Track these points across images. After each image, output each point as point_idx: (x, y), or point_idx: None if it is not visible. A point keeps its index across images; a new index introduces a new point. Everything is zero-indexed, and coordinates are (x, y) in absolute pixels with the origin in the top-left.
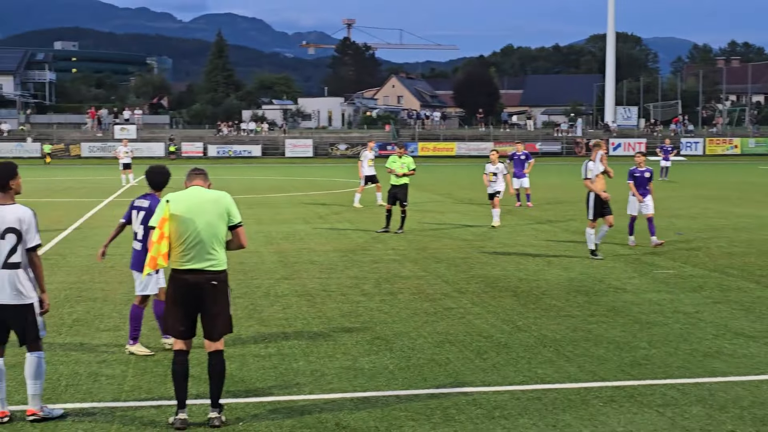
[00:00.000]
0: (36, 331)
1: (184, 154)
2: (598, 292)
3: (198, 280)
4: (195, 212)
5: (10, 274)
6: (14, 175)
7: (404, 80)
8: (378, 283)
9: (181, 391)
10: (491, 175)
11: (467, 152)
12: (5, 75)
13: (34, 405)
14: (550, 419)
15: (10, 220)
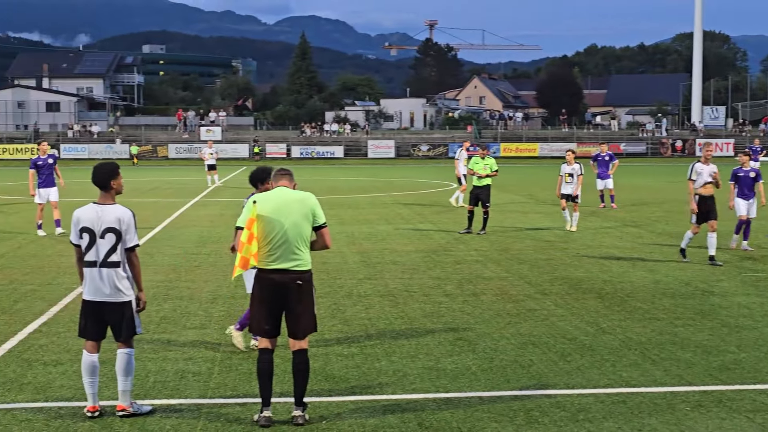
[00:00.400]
0: (132, 328)
1: (268, 155)
2: (684, 295)
3: (284, 279)
4: (281, 213)
5: (109, 273)
6: (116, 175)
7: (486, 81)
8: (460, 284)
9: (266, 389)
10: (566, 177)
11: (550, 153)
12: (96, 78)
13: (124, 401)
14: (635, 423)
15: (110, 220)
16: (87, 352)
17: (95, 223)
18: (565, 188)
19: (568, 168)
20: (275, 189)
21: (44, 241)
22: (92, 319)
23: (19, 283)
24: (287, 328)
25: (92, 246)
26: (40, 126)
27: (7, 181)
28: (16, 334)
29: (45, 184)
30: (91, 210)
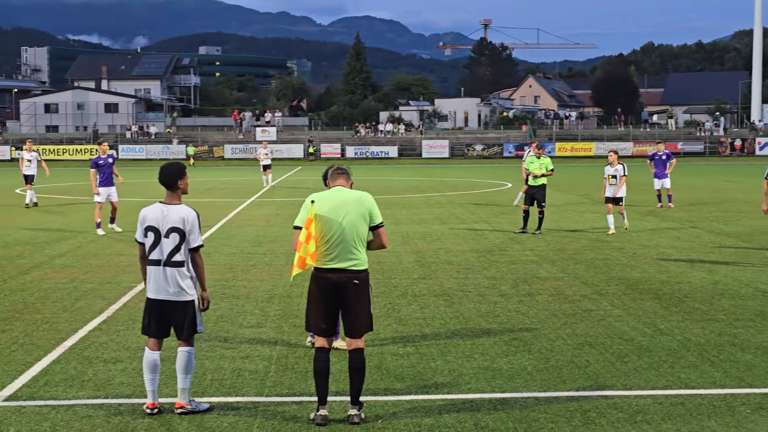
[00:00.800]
0: (194, 327)
1: (322, 155)
2: (744, 296)
3: (340, 279)
4: (338, 212)
5: (173, 272)
6: (182, 175)
7: (541, 80)
8: (516, 284)
9: (322, 388)
10: (610, 178)
11: (606, 152)
12: (153, 80)
13: (183, 398)
14: (694, 425)
15: (175, 220)
16: (149, 350)
17: (160, 222)
18: (609, 190)
19: (611, 169)
20: (333, 188)
21: (104, 240)
22: (155, 317)
23: (79, 281)
24: (344, 327)
25: (157, 245)
26: (98, 127)
27: (67, 181)
28: (77, 332)
29: (105, 183)
30: (157, 209)
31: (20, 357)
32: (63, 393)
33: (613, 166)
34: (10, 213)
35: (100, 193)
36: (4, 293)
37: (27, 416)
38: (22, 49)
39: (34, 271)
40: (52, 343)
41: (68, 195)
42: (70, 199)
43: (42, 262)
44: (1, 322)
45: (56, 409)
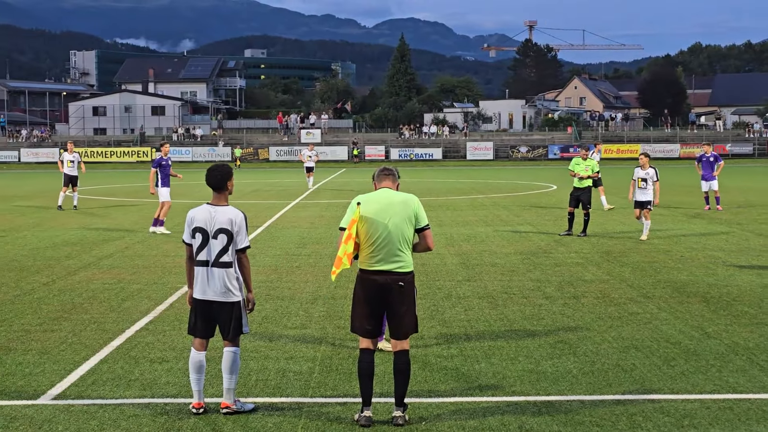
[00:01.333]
0: (239, 327)
1: (367, 157)
2: None
3: (386, 281)
4: (384, 214)
5: (220, 273)
6: (230, 176)
7: (587, 81)
8: (561, 287)
9: (367, 389)
10: (640, 182)
11: (652, 154)
12: (199, 82)
13: (229, 398)
14: (742, 430)
15: (223, 221)
16: (195, 350)
17: (208, 223)
18: (638, 194)
19: (641, 172)
20: (379, 190)
21: (150, 241)
22: (201, 317)
23: (126, 282)
24: (389, 329)
25: (205, 246)
26: (145, 130)
27: (113, 183)
28: (124, 332)
29: (165, 184)
30: (205, 210)
31: (69, 356)
32: (110, 392)
33: (644, 169)
34: (59, 214)
35: (161, 192)
36: (53, 293)
37: (75, 415)
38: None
39: (82, 272)
40: (100, 343)
41: (115, 197)
42: (117, 200)
43: (90, 263)
44: (50, 322)
45: (103, 408)
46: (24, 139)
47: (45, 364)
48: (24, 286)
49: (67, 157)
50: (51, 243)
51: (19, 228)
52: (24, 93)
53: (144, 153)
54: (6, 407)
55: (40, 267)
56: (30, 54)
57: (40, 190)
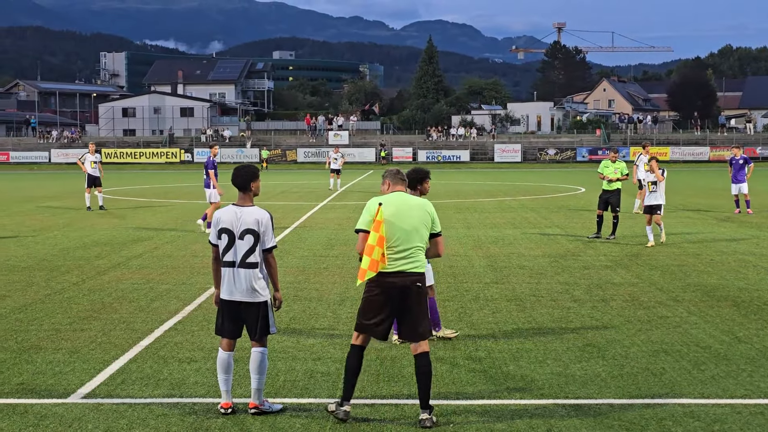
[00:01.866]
0: (266, 327)
1: (394, 159)
2: None
3: (404, 282)
4: (403, 217)
5: (247, 273)
6: (255, 177)
7: (616, 83)
8: (589, 290)
9: (351, 384)
10: (650, 185)
11: (681, 157)
12: (228, 84)
13: (257, 398)
14: None
15: (249, 222)
16: (222, 350)
17: (234, 224)
18: (650, 198)
19: (651, 176)
20: (394, 193)
21: (179, 242)
22: (229, 317)
23: (155, 282)
24: (405, 332)
25: (231, 247)
26: (174, 131)
27: (142, 184)
28: (153, 332)
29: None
30: (231, 211)
31: (98, 356)
32: (139, 391)
33: (653, 173)
34: (88, 214)
35: (212, 193)
36: (83, 293)
37: (104, 413)
38: (101, 54)
39: (111, 272)
40: (129, 343)
41: (144, 197)
42: (146, 201)
43: (119, 263)
44: (80, 321)
45: (132, 407)
46: (54, 140)
47: (75, 363)
48: (54, 285)
49: (90, 158)
50: (81, 243)
51: (49, 228)
52: (55, 94)
53: (173, 154)
54: (36, 405)
55: (70, 267)
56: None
57: (70, 191)
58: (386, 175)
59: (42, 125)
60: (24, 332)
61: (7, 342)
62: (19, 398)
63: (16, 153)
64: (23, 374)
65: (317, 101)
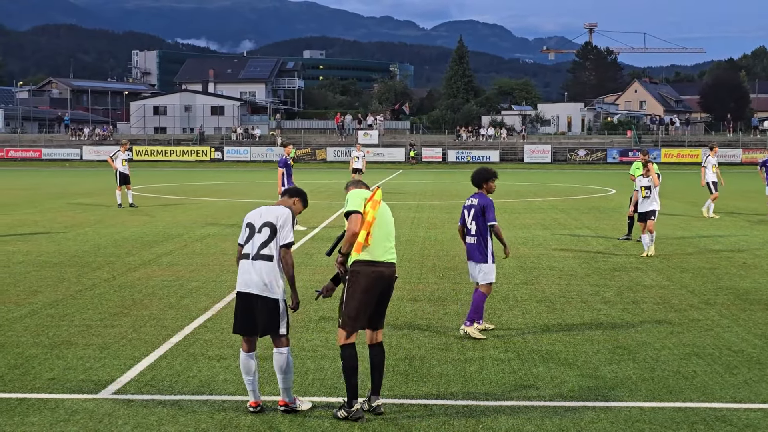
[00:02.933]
0: (276, 327)
1: (424, 159)
2: None
3: (390, 272)
4: (386, 209)
5: (260, 266)
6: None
7: (647, 85)
8: (620, 292)
9: (354, 383)
10: (643, 190)
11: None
12: (258, 83)
13: (286, 397)
14: None
15: (269, 216)
16: (242, 351)
17: (257, 219)
18: (643, 204)
19: (645, 180)
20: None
21: (208, 239)
22: (243, 313)
23: (185, 279)
24: (373, 322)
25: (250, 239)
26: (205, 129)
27: (173, 182)
28: (183, 329)
29: (289, 183)
30: (258, 210)
31: (128, 352)
32: (169, 388)
33: (648, 176)
34: (119, 211)
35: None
36: (114, 289)
37: (135, 409)
38: (133, 52)
39: (141, 269)
40: (159, 339)
41: (174, 195)
42: (176, 199)
43: (149, 260)
44: (111, 318)
45: (162, 404)
46: (86, 137)
47: (105, 359)
48: (85, 281)
49: (122, 156)
50: (112, 240)
51: (81, 224)
52: (87, 92)
53: (203, 152)
54: (67, 401)
55: (101, 263)
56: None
57: (101, 188)
58: (350, 183)
59: (74, 123)
60: (55, 328)
61: (39, 337)
62: (50, 393)
63: (48, 150)
64: (54, 369)
65: (347, 100)
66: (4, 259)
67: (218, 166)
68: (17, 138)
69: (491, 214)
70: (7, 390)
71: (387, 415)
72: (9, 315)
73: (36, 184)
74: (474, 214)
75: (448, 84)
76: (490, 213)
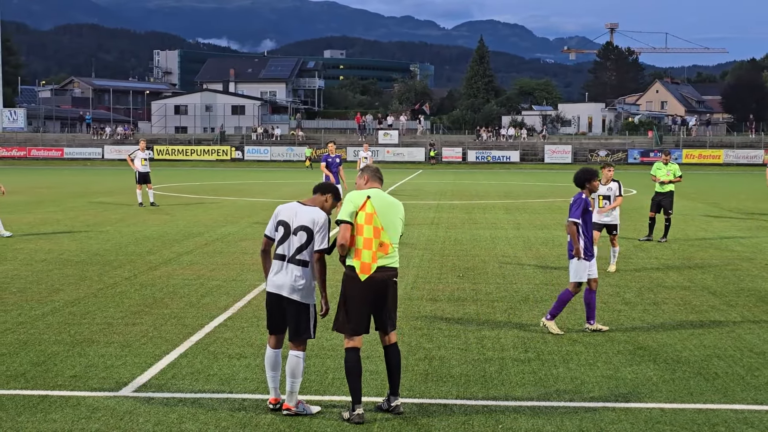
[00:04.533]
0: (307, 330)
1: (444, 159)
2: None
3: (384, 277)
4: (385, 212)
5: (296, 270)
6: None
7: (669, 85)
8: (640, 293)
9: (357, 388)
10: (600, 199)
11: (735, 160)
12: (279, 82)
13: (291, 401)
14: None
15: (305, 219)
16: (269, 347)
17: (292, 218)
18: (597, 217)
19: (602, 188)
20: (372, 189)
21: (229, 238)
22: (273, 311)
23: (206, 278)
24: (379, 325)
25: (285, 240)
26: (225, 128)
27: (194, 181)
28: (203, 327)
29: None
30: (291, 207)
31: (149, 350)
32: (189, 386)
33: (606, 184)
34: (140, 210)
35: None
36: (135, 288)
37: (155, 407)
38: (155, 52)
39: (162, 267)
40: (180, 338)
41: (195, 194)
42: (197, 198)
43: (170, 259)
44: (132, 316)
45: (183, 402)
46: (108, 137)
47: (126, 357)
48: (107, 280)
49: (140, 155)
50: (133, 238)
51: (102, 223)
52: (108, 91)
53: (223, 151)
54: (88, 398)
55: (122, 262)
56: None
57: (122, 187)
58: (365, 170)
59: (96, 122)
60: (77, 326)
61: (61, 335)
62: (72, 390)
63: (70, 149)
64: (76, 367)
65: (367, 100)
66: (27, 257)
67: (239, 165)
68: (40, 137)
69: (573, 211)
70: (29, 387)
71: (406, 415)
72: (31, 313)
73: (58, 183)
74: (574, 213)
75: (468, 84)
76: (572, 209)
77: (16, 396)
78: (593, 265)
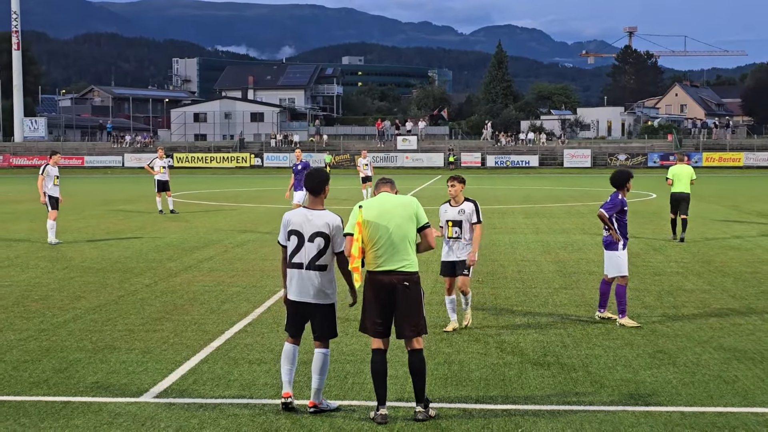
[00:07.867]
0: (333, 329)
1: (463, 164)
2: None
3: (391, 280)
4: (384, 217)
5: (316, 276)
6: (327, 181)
7: (688, 88)
8: (660, 296)
9: (381, 389)
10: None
11: (756, 163)
12: (298, 89)
13: (316, 398)
14: None
15: (319, 225)
16: (288, 343)
17: (304, 226)
18: (448, 251)
19: (451, 211)
20: (378, 195)
21: (248, 245)
22: (295, 318)
23: (226, 285)
24: (396, 329)
25: (299, 249)
26: (244, 135)
27: (213, 188)
28: (224, 333)
29: (298, 187)
30: (301, 214)
31: (170, 356)
32: (210, 392)
33: (457, 205)
34: (160, 218)
35: (294, 196)
36: (156, 294)
37: (176, 412)
38: (174, 60)
39: (183, 274)
40: (200, 344)
41: (215, 201)
42: (216, 205)
43: (190, 266)
44: (153, 322)
45: (204, 407)
46: (128, 145)
47: (147, 363)
48: (128, 287)
49: (159, 163)
50: (153, 246)
51: (122, 231)
52: (128, 99)
53: (243, 159)
54: (110, 404)
55: (143, 269)
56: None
57: (142, 195)
58: (379, 183)
59: (115, 130)
60: (99, 332)
61: (83, 342)
62: (94, 397)
63: (90, 157)
64: (98, 373)
65: (386, 106)
66: (49, 265)
67: (258, 172)
68: (60, 145)
69: (607, 205)
70: (51, 393)
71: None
72: (54, 320)
73: (79, 191)
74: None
75: (486, 89)
76: (606, 204)
77: (38, 402)
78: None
